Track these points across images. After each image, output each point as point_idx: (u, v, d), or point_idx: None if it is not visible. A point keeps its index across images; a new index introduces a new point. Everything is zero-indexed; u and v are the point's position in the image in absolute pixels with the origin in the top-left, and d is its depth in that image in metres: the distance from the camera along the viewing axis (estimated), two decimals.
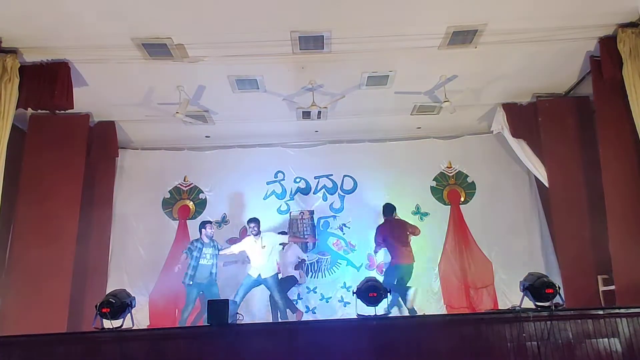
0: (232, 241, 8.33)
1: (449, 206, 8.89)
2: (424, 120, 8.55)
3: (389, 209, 7.55)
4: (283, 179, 9.10)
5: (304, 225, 8.85)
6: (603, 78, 6.24)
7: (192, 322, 7.19)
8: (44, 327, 5.39)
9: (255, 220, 7.57)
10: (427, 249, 8.60)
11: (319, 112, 7.47)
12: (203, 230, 7.50)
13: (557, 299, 4.60)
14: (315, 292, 8.43)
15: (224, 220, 8.86)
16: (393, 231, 7.25)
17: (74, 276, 6.88)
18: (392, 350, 4.38)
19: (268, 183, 9.07)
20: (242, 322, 5.12)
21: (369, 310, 4.84)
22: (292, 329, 4.88)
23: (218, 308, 4.60)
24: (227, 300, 4.65)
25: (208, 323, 4.61)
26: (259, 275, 7.32)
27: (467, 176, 9.06)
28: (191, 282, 7.16)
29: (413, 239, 7.43)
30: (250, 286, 7.38)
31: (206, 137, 8.89)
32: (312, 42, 6.06)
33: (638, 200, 6.01)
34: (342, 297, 8.37)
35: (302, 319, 7.41)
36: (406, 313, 6.82)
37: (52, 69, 6.22)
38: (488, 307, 7.65)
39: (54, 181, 6.96)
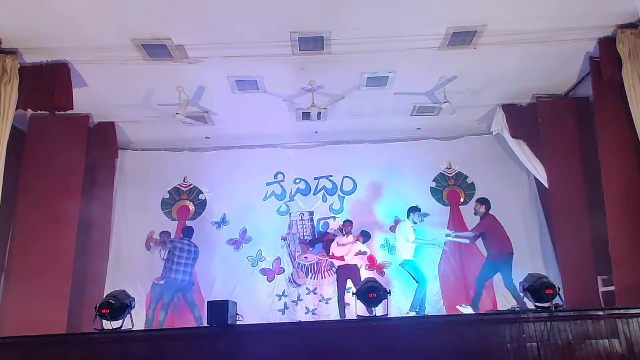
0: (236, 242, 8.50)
1: (449, 207, 8.90)
2: (424, 121, 8.55)
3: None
4: (283, 180, 9.10)
5: (304, 226, 8.84)
6: (602, 79, 6.25)
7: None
8: (44, 327, 5.38)
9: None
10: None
11: (319, 113, 7.47)
12: None
13: (557, 300, 4.60)
14: (315, 293, 8.42)
15: (223, 221, 8.86)
16: None
17: (74, 277, 6.88)
18: (392, 351, 4.38)
19: (268, 184, 9.07)
20: (242, 323, 5.12)
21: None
22: (291, 330, 4.88)
23: (218, 309, 4.60)
24: (227, 301, 4.65)
25: (208, 323, 4.61)
26: None
27: (466, 177, 9.06)
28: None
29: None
30: None
31: (206, 137, 8.89)
32: (311, 43, 6.06)
33: (638, 200, 6.01)
34: None
35: (302, 320, 7.38)
36: None
37: (51, 70, 6.22)
38: (487, 308, 7.64)
39: (54, 182, 6.95)
